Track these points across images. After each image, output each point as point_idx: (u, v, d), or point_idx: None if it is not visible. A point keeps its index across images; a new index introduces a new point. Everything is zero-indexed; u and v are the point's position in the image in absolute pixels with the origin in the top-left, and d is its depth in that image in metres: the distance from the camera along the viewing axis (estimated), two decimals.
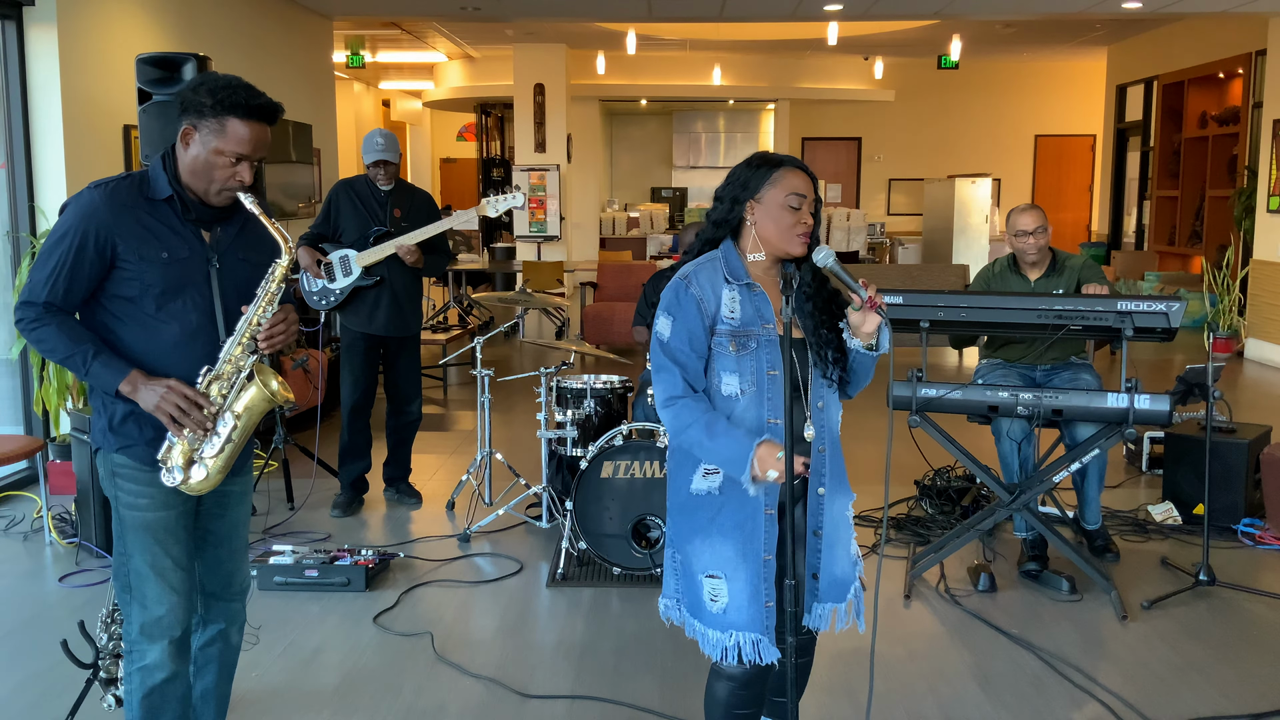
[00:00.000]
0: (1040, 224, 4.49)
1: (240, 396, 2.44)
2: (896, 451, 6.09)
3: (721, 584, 2.39)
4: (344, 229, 5.09)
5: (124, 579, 2.49)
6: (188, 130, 2.40)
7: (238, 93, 2.37)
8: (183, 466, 2.42)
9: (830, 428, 2.47)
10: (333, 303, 5.09)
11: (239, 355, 2.44)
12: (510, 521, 5.07)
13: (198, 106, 2.37)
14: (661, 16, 10.12)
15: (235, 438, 2.45)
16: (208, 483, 2.45)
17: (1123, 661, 3.65)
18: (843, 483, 2.51)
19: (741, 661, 2.39)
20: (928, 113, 17.11)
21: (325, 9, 9.58)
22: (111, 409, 2.45)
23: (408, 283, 5.16)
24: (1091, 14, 10.10)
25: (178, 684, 2.54)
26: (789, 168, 2.43)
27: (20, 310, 2.39)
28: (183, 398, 2.37)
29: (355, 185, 5.15)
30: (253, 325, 2.44)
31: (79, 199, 2.40)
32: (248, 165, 2.42)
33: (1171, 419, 3.92)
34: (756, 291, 2.42)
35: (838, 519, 2.49)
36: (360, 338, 5.13)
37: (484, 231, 14.98)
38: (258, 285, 2.49)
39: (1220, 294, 9.32)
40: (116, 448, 2.45)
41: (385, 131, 5.15)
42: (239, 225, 2.54)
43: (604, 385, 4.82)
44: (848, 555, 2.51)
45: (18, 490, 5.54)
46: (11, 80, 5.66)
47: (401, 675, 3.54)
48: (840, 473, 2.50)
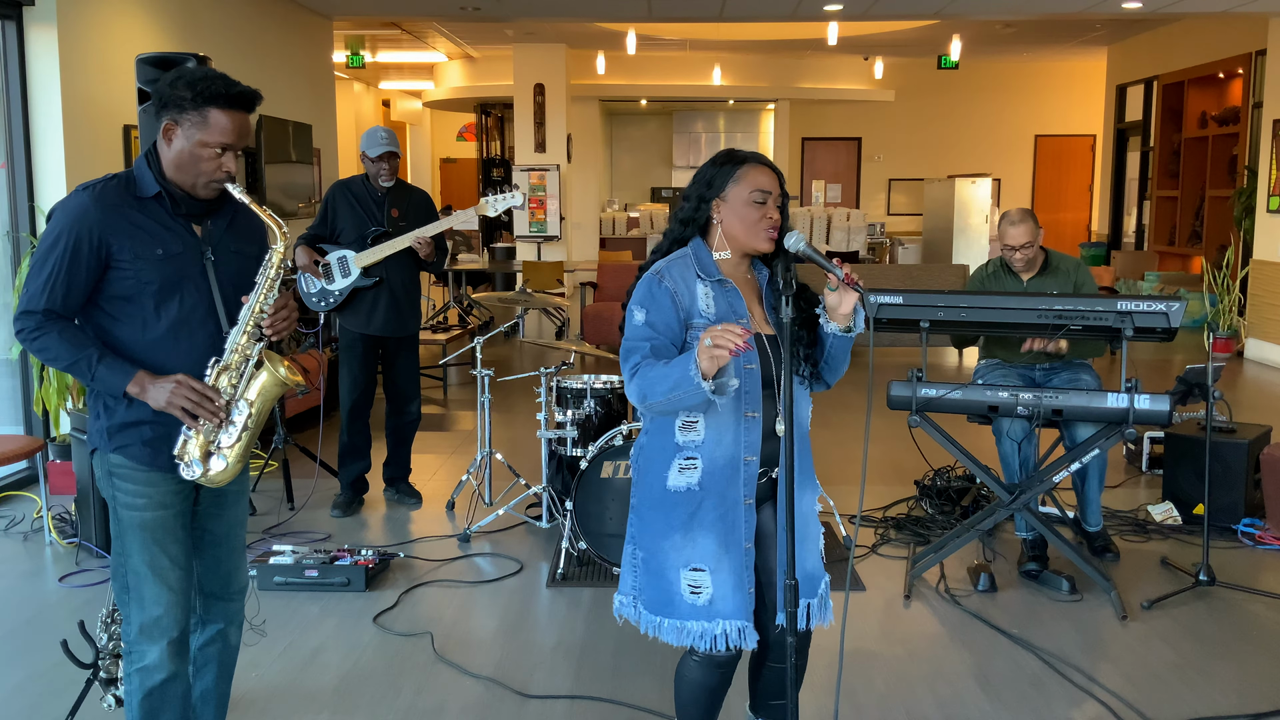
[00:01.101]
0: (1029, 239, 4.47)
1: (251, 384, 2.45)
2: (897, 451, 6.09)
3: (705, 576, 2.41)
4: (342, 230, 5.08)
5: (122, 579, 2.48)
6: (169, 126, 2.40)
7: (216, 83, 2.37)
8: (201, 459, 2.43)
9: (799, 422, 2.49)
10: (332, 304, 5.08)
11: (245, 344, 2.45)
12: (510, 521, 5.07)
13: (177, 101, 2.37)
14: (661, 16, 10.12)
15: (251, 425, 2.46)
16: (228, 473, 2.45)
17: (1123, 661, 3.65)
18: (809, 477, 2.54)
19: (728, 648, 2.42)
20: (928, 113, 17.11)
21: (325, 9, 9.57)
22: (112, 410, 2.44)
23: (407, 283, 5.15)
24: (1091, 14, 10.10)
25: (177, 684, 2.53)
26: (753, 164, 2.44)
27: (20, 320, 2.38)
28: (193, 390, 2.37)
29: (352, 186, 5.14)
30: (256, 313, 2.45)
31: (67, 203, 2.40)
32: (232, 155, 2.43)
33: (1171, 419, 3.92)
34: (729, 288, 2.45)
35: (806, 514, 2.52)
36: (359, 338, 5.12)
37: (484, 231, 14.98)
38: (252, 275, 2.49)
39: (1220, 294, 9.32)
40: (113, 448, 2.44)
41: (385, 128, 5.15)
42: (229, 217, 2.55)
43: (604, 385, 4.82)
44: (816, 550, 2.55)
45: (18, 490, 5.54)
46: (11, 80, 5.66)
47: (401, 675, 3.54)
48: (807, 467, 2.52)
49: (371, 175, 5.09)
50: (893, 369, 6.05)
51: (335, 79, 10.37)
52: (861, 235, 15.03)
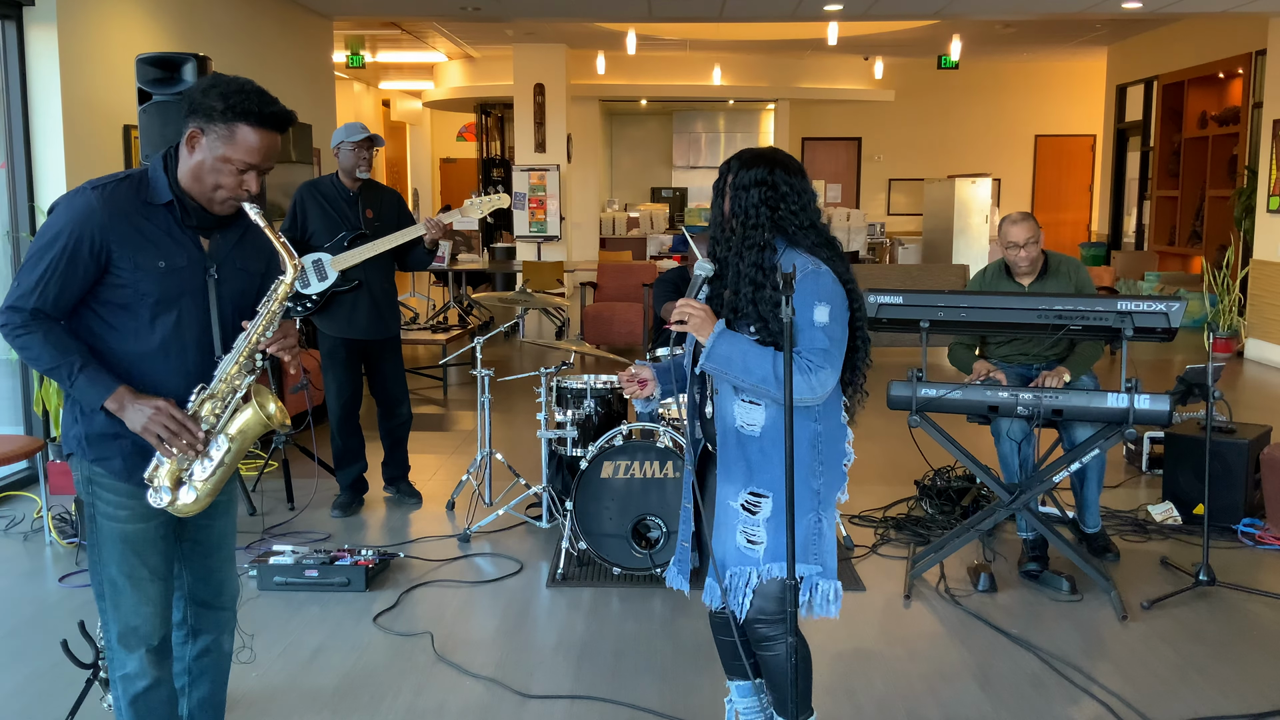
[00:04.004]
0: (1031, 236, 4.47)
1: (235, 419, 2.35)
2: (897, 451, 6.10)
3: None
4: (313, 232, 4.94)
5: (99, 586, 2.40)
6: (194, 134, 2.29)
7: (251, 99, 2.26)
8: (170, 487, 2.34)
9: (721, 416, 2.62)
10: (309, 309, 4.95)
11: (235, 375, 2.35)
12: (510, 521, 5.07)
13: (207, 110, 2.26)
14: (661, 16, 10.12)
15: (228, 461, 2.36)
16: (196, 505, 2.36)
17: (1123, 661, 3.65)
18: (730, 470, 2.62)
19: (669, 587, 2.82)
20: (928, 113, 17.11)
21: (325, 9, 9.57)
22: (89, 419, 2.34)
23: (385, 285, 5.06)
24: (1091, 14, 10.10)
25: (161, 690, 2.47)
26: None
27: (5, 315, 2.27)
28: (171, 419, 2.27)
29: (321, 187, 5.00)
30: (252, 344, 2.35)
31: (72, 200, 2.28)
32: (255, 175, 2.31)
33: (1171, 419, 3.92)
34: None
35: (722, 504, 2.65)
36: (340, 343, 5.04)
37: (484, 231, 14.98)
38: (255, 295, 2.41)
39: (1220, 294, 9.32)
40: (92, 458, 2.35)
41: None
42: (239, 233, 2.45)
43: (604, 385, 4.82)
44: (731, 540, 2.62)
45: (18, 490, 5.54)
46: (11, 80, 5.66)
47: (401, 675, 3.54)
48: (727, 460, 2.62)
49: (348, 168, 4.94)
50: (893, 369, 6.05)
51: (335, 79, 10.37)
52: (861, 235, 15.04)
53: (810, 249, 2.57)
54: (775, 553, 2.56)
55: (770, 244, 2.55)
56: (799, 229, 2.56)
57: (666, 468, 4.27)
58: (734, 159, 2.60)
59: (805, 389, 2.46)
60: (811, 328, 2.48)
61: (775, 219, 2.55)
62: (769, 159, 2.57)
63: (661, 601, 4.13)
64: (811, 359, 2.47)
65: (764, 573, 2.57)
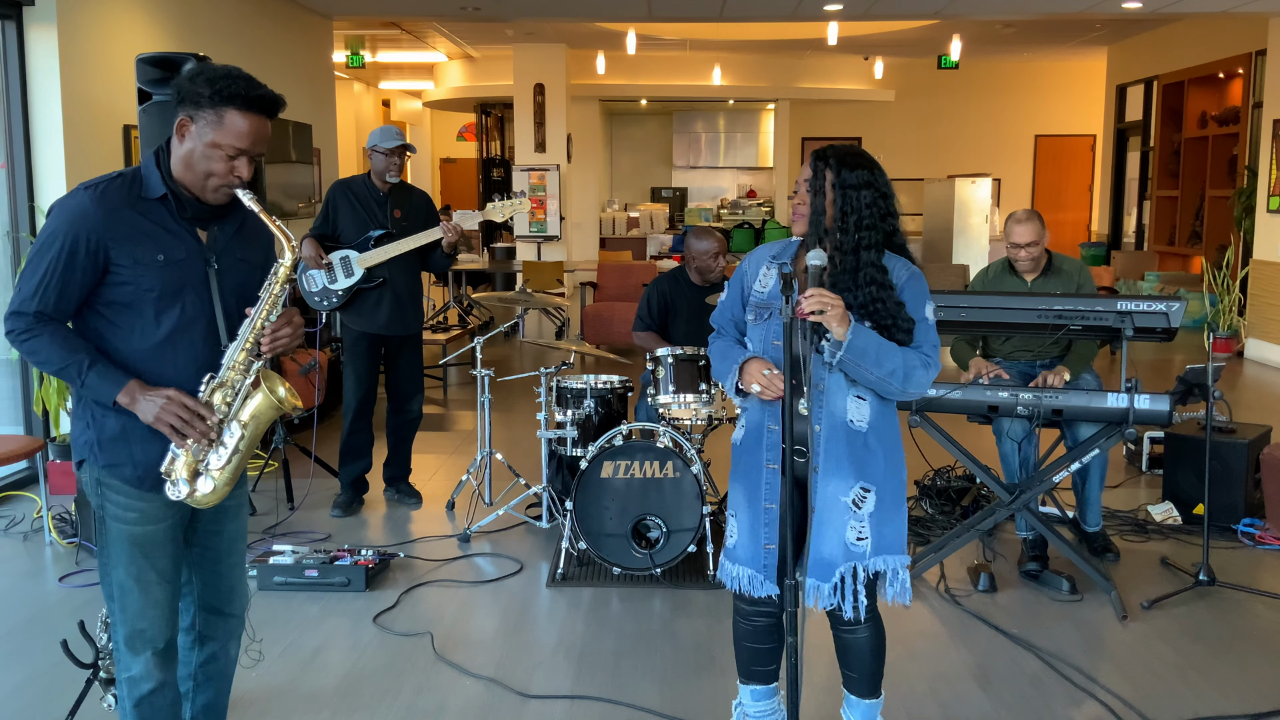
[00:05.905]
0: (1035, 237, 4.49)
1: (246, 404, 2.36)
2: None
3: (734, 522, 2.74)
4: (343, 230, 5.09)
5: (108, 587, 2.40)
6: (184, 122, 2.29)
7: (237, 83, 2.26)
8: (188, 479, 2.34)
9: (831, 412, 2.60)
10: (334, 304, 5.08)
11: (243, 361, 2.35)
12: (510, 521, 5.07)
13: (195, 97, 2.26)
14: (661, 16, 10.12)
15: (243, 448, 2.36)
16: (214, 495, 2.36)
17: (1123, 661, 3.65)
18: (840, 466, 2.60)
19: (741, 594, 2.71)
20: (928, 113, 17.10)
21: (325, 9, 9.57)
22: (100, 424, 2.34)
23: (409, 282, 5.17)
24: (1091, 14, 10.10)
25: (166, 693, 2.47)
26: None
27: (10, 321, 2.27)
28: (183, 408, 2.28)
29: (353, 186, 5.14)
30: (256, 329, 2.35)
31: (66, 202, 2.28)
32: (246, 161, 2.31)
33: (1171, 419, 3.92)
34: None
35: (830, 500, 2.61)
36: (363, 337, 5.14)
37: (484, 231, 14.98)
38: (256, 286, 2.40)
39: (1220, 294, 9.31)
40: (103, 463, 2.35)
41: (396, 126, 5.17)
42: (237, 224, 2.45)
43: (604, 385, 4.82)
44: (838, 538, 2.61)
45: (18, 490, 5.54)
46: (11, 80, 5.66)
47: (401, 675, 3.54)
48: (836, 455, 2.60)
49: (379, 171, 5.08)
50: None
51: (335, 79, 10.37)
52: None
53: (899, 250, 2.66)
54: (879, 546, 2.64)
55: (880, 245, 2.61)
56: (894, 231, 2.64)
57: (666, 468, 4.27)
58: (829, 156, 2.60)
59: (926, 382, 2.59)
60: (926, 324, 2.62)
61: (883, 222, 2.61)
62: (868, 160, 2.62)
63: (661, 601, 4.13)
64: (930, 354, 2.61)
65: (870, 566, 2.64)
